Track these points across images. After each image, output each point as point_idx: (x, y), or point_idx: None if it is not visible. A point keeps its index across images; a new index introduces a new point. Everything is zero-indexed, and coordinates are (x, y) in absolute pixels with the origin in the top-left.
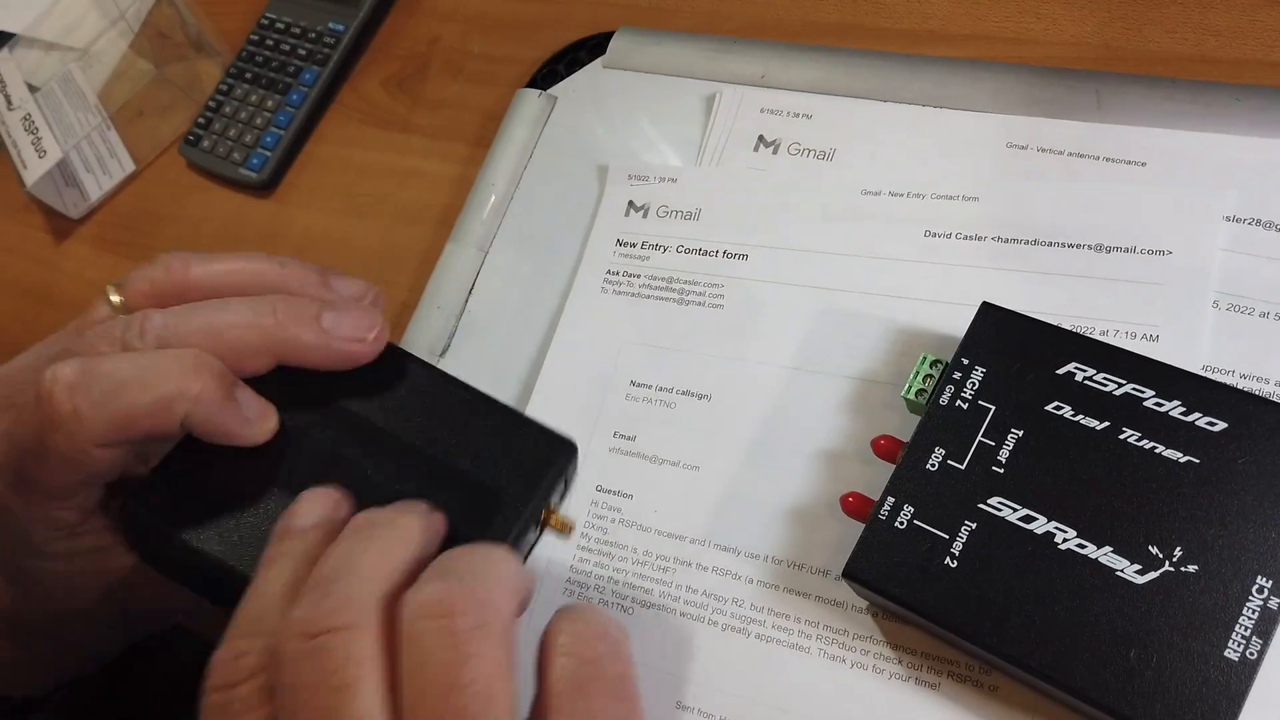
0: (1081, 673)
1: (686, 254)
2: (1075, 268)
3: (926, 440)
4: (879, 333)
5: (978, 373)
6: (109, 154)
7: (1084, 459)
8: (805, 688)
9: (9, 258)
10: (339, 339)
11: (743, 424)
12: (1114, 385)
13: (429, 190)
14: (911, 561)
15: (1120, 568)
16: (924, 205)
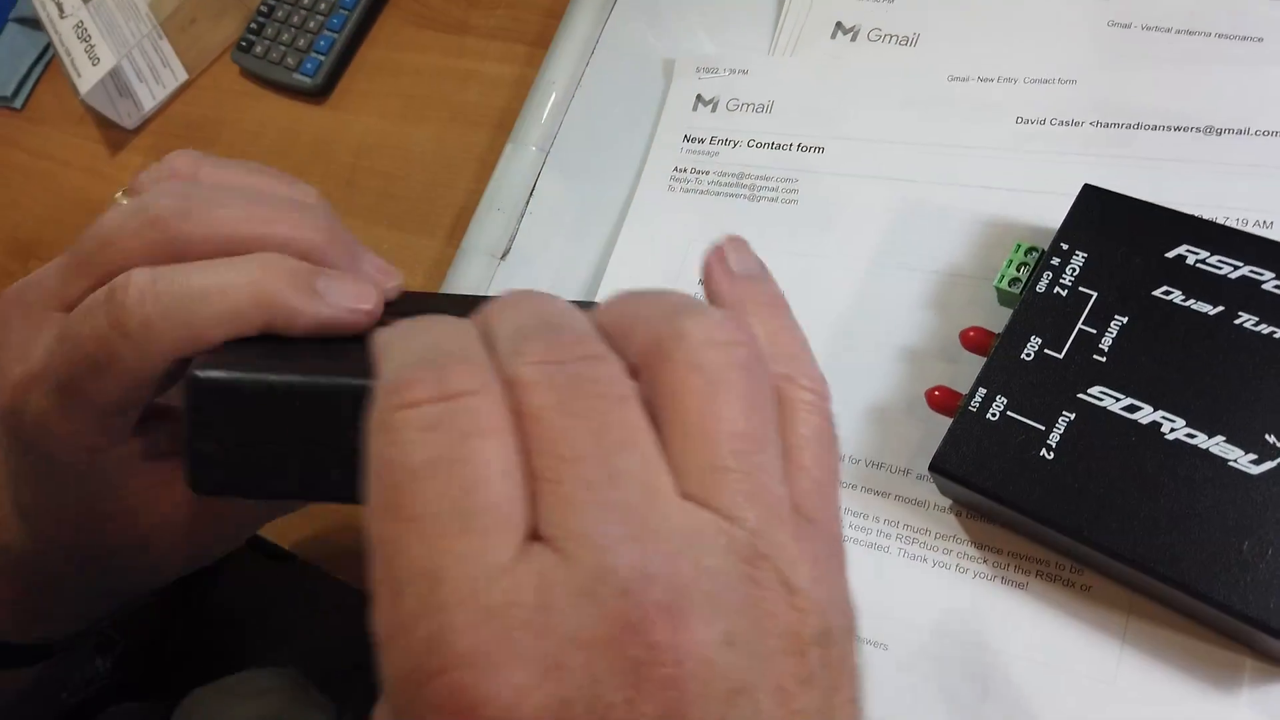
0: (1188, 566)
1: (758, 149)
2: (1181, 152)
3: (1022, 329)
4: (964, 226)
5: (1078, 258)
6: (161, 63)
7: (1194, 346)
8: (885, 587)
9: (65, 170)
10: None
11: (818, 323)
12: (1229, 268)
13: (487, 92)
14: (1004, 454)
15: (1233, 458)
16: (1015, 90)
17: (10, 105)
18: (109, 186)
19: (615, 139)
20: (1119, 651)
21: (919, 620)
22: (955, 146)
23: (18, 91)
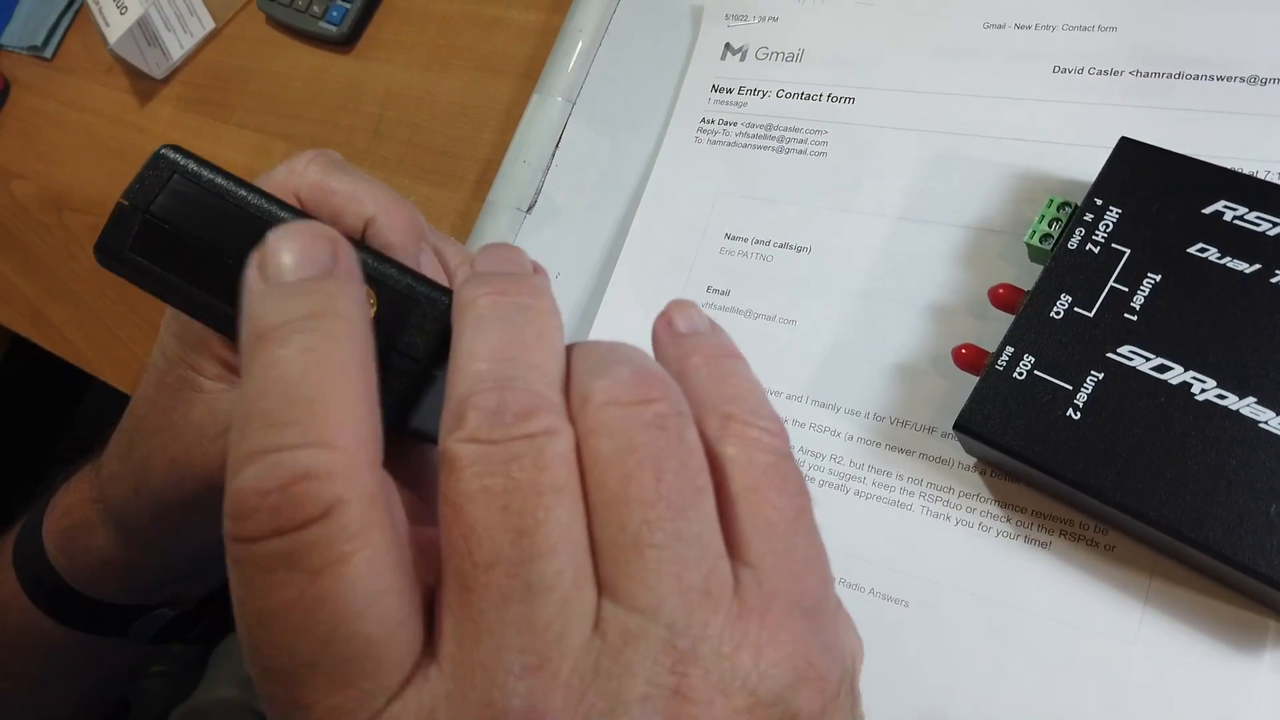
0: (1213, 528)
1: (788, 99)
2: (1224, 103)
3: (1052, 286)
4: (997, 178)
5: (1112, 214)
6: (189, 11)
7: (1229, 305)
8: (906, 544)
9: (96, 119)
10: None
11: (845, 277)
12: (1268, 225)
13: (514, 40)
14: (1030, 413)
15: (1265, 419)
16: (1053, 38)
17: (40, 54)
18: (139, 137)
19: (642, 89)
20: (1141, 612)
21: (940, 578)
22: (989, 97)
23: (48, 41)
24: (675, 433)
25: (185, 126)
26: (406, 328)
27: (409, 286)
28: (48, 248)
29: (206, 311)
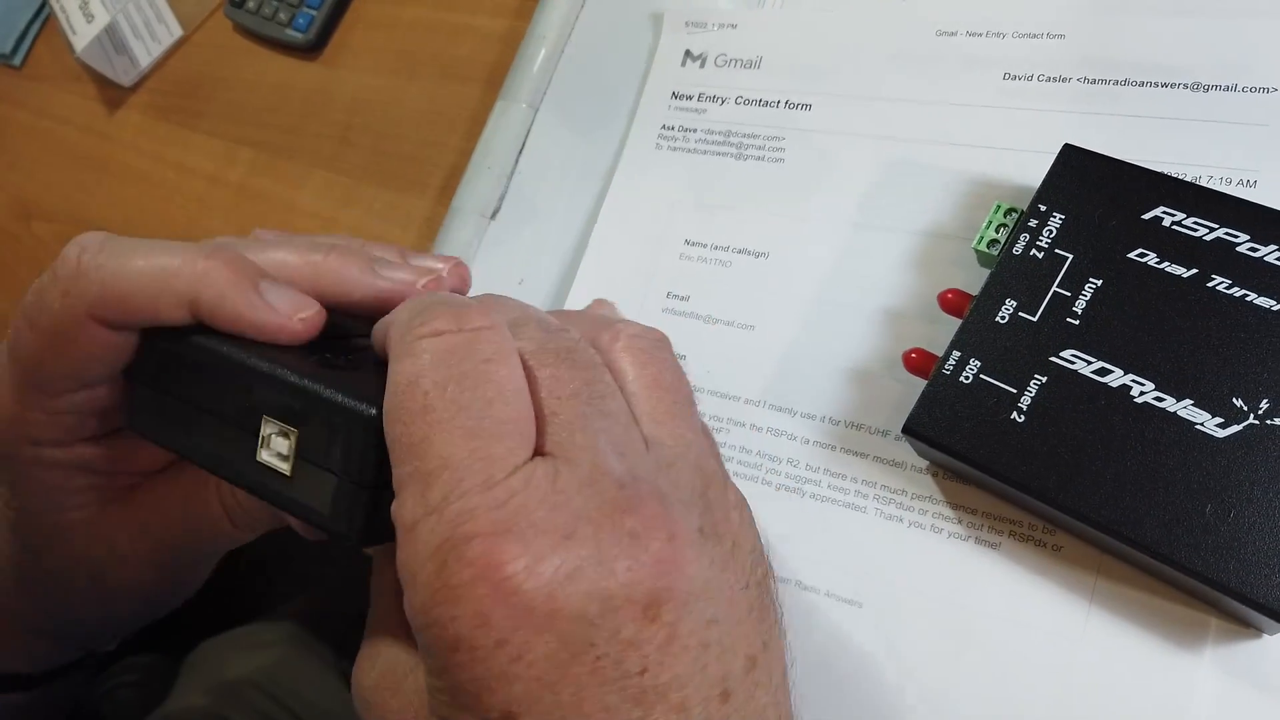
0: (1152, 529)
1: (746, 105)
2: (1168, 109)
3: (997, 291)
4: (949, 185)
5: (1055, 219)
6: (156, 19)
7: (1167, 309)
8: (860, 546)
9: (65, 128)
10: (388, 282)
11: (802, 282)
12: (1205, 230)
13: (479, 47)
14: (976, 416)
15: (1200, 421)
16: (1004, 45)
17: (9, 63)
18: (108, 146)
19: (605, 95)
20: (1087, 610)
21: (894, 579)
22: (942, 103)
23: (16, 49)
24: (591, 358)
25: (153, 134)
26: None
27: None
28: (17, 257)
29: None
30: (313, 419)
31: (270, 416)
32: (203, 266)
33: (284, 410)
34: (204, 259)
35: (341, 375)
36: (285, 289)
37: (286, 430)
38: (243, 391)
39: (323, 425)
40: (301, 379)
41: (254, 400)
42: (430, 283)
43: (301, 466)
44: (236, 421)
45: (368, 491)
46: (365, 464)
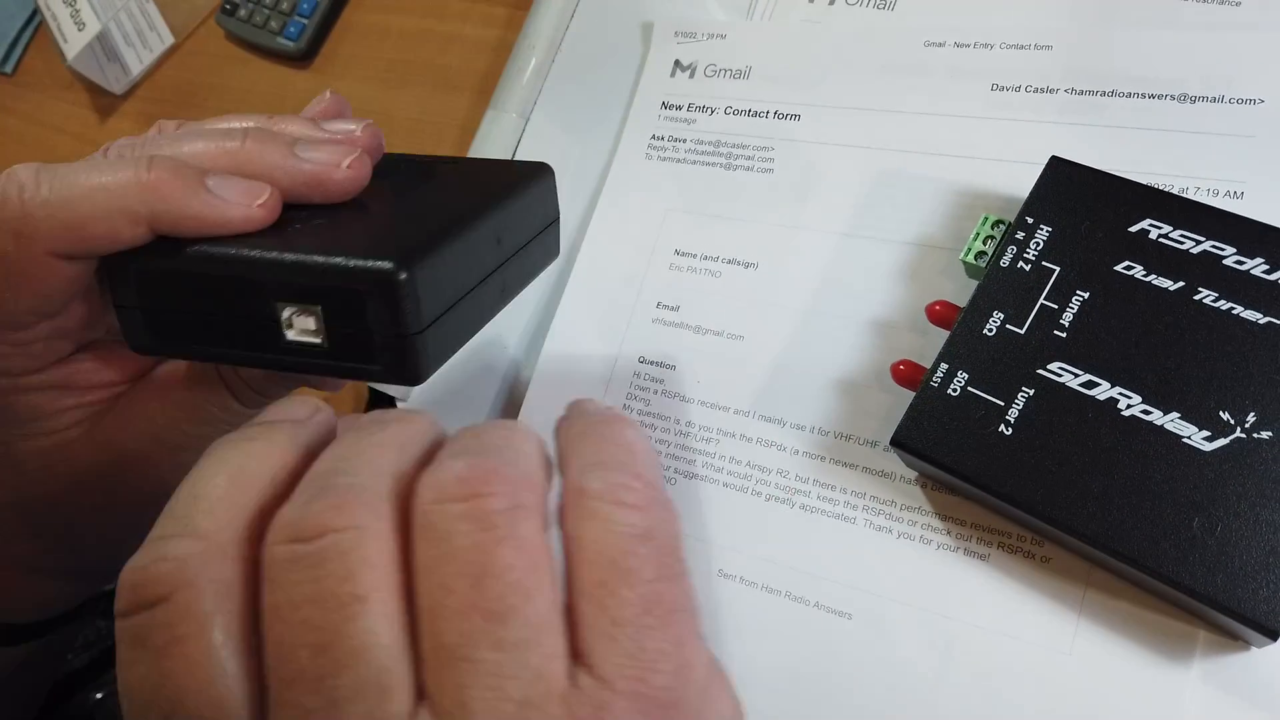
0: (1140, 542)
1: (735, 116)
2: (1155, 121)
3: (985, 304)
4: (938, 195)
5: (1043, 232)
6: (148, 26)
7: (1153, 322)
8: (850, 558)
9: (57, 136)
10: (310, 164)
11: (791, 293)
12: (1191, 243)
13: (469, 55)
14: (964, 429)
15: (1187, 434)
16: (991, 56)
17: (1, 70)
18: None
19: (595, 105)
20: (1076, 622)
21: (883, 590)
22: (930, 114)
23: (7, 57)
24: (503, 531)
25: None
26: None
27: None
28: None
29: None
30: (335, 290)
31: (285, 300)
32: (149, 180)
33: (298, 291)
34: (146, 172)
35: (332, 238)
36: (233, 180)
37: (308, 308)
38: (245, 286)
39: (347, 293)
40: (307, 257)
41: (262, 290)
42: (353, 162)
43: (335, 334)
44: (247, 314)
45: (407, 339)
46: (400, 315)
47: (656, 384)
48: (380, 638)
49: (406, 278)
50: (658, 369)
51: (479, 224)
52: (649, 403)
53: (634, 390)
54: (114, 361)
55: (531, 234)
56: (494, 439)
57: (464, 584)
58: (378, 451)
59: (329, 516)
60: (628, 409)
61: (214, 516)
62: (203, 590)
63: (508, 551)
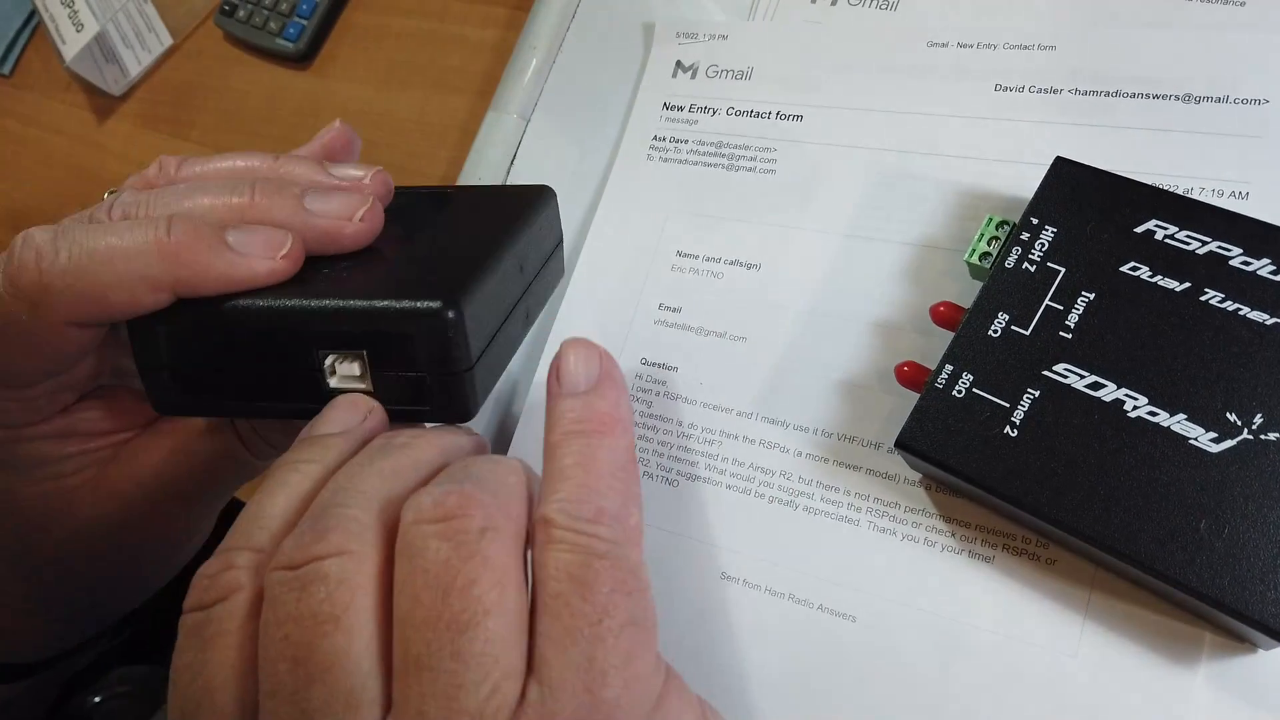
0: (1146, 544)
1: (737, 116)
2: (1160, 121)
3: (989, 305)
4: (941, 196)
5: (1048, 233)
6: (146, 27)
7: (1160, 323)
8: (853, 560)
9: (56, 137)
10: (324, 219)
11: (794, 294)
12: (1197, 243)
13: (470, 57)
14: (969, 431)
15: (1194, 436)
16: (995, 56)
17: None
18: (99, 154)
19: (596, 106)
20: (1081, 625)
21: (887, 592)
22: (934, 115)
23: (5, 58)
24: (472, 550)
25: (144, 143)
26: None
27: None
28: None
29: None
30: (381, 333)
31: (327, 348)
32: (170, 244)
33: (341, 338)
34: (166, 235)
35: (367, 279)
36: (254, 232)
37: (351, 354)
38: (283, 338)
39: (395, 336)
40: (350, 303)
41: (302, 340)
42: (366, 214)
43: (381, 378)
44: (286, 366)
45: (457, 375)
46: (452, 353)
47: (659, 385)
48: (351, 654)
49: (455, 316)
50: (660, 370)
51: (505, 254)
52: (651, 404)
53: (636, 392)
54: (118, 409)
55: (545, 257)
56: (480, 469)
57: (432, 596)
58: (376, 480)
59: (317, 544)
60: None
61: (270, 533)
62: (252, 598)
63: (474, 568)
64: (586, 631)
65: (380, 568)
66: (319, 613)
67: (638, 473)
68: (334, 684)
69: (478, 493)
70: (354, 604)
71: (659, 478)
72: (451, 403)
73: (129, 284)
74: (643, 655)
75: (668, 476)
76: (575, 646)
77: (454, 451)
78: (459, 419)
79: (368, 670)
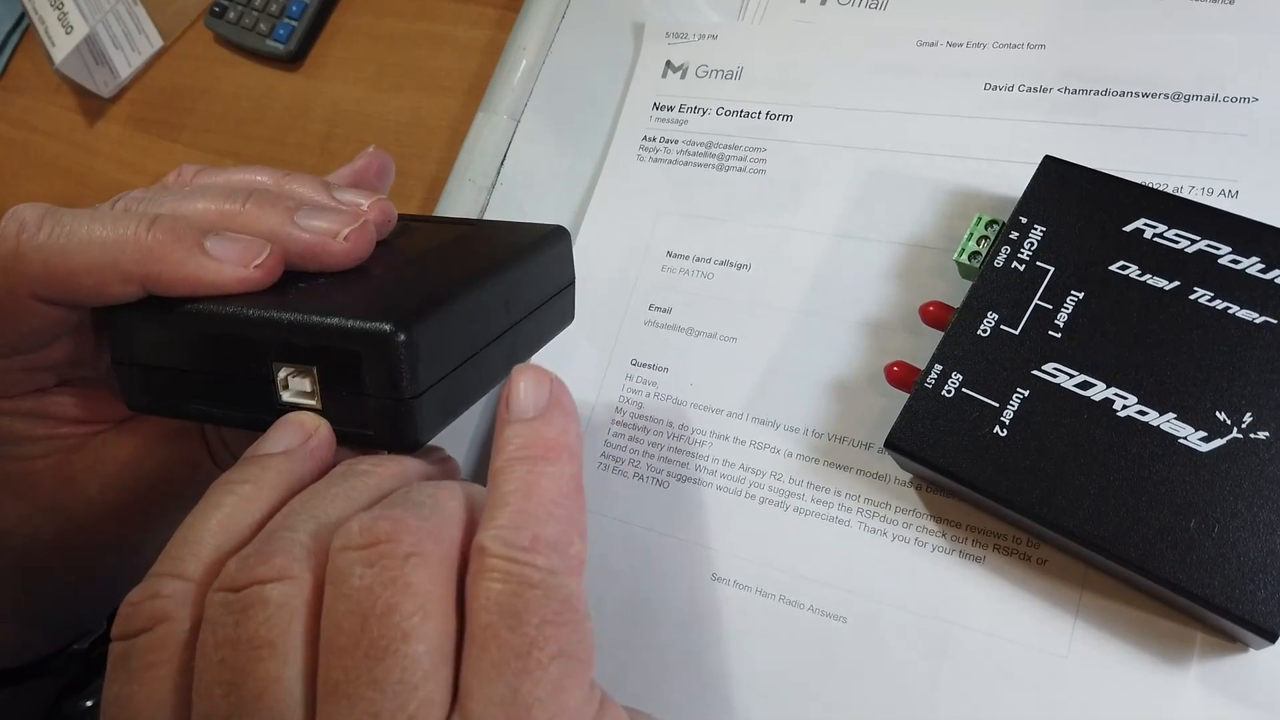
0: (1136, 544)
1: (727, 116)
2: (1149, 119)
3: (979, 304)
4: (931, 195)
5: (1037, 232)
6: (136, 29)
7: (1149, 322)
8: (844, 561)
9: (45, 140)
10: (308, 234)
11: (784, 294)
12: (1186, 242)
13: (459, 58)
14: (958, 431)
15: (1183, 435)
16: (984, 55)
17: None
18: (89, 156)
19: (586, 107)
20: (1072, 625)
21: (878, 593)
22: (923, 114)
23: None
24: (393, 575)
25: (134, 145)
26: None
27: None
28: None
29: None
30: (330, 351)
31: (280, 361)
32: (148, 240)
33: (294, 351)
34: (146, 232)
35: (331, 299)
36: (231, 240)
37: (303, 369)
38: (241, 345)
39: (343, 354)
40: (303, 316)
41: (257, 350)
42: (352, 234)
43: (331, 397)
44: (242, 375)
45: (404, 403)
46: (396, 378)
47: (649, 386)
48: (283, 681)
49: (404, 340)
50: (650, 371)
51: (484, 288)
52: (641, 405)
53: (626, 393)
54: (94, 402)
55: (544, 298)
56: (419, 495)
57: (352, 622)
58: (328, 505)
59: (260, 567)
60: (620, 411)
61: (199, 560)
62: (178, 626)
63: (395, 594)
64: (513, 664)
65: (317, 593)
66: (255, 637)
67: (583, 502)
68: (264, 712)
69: (408, 518)
70: (289, 629)
71: (649, 479)
72: (394, 430)
73: (99, 270)
74: (572, 689)
75: (658, 478)
76: (500, 679)
77: (416, 478)
78: (403, 448)
79: (297, 698)
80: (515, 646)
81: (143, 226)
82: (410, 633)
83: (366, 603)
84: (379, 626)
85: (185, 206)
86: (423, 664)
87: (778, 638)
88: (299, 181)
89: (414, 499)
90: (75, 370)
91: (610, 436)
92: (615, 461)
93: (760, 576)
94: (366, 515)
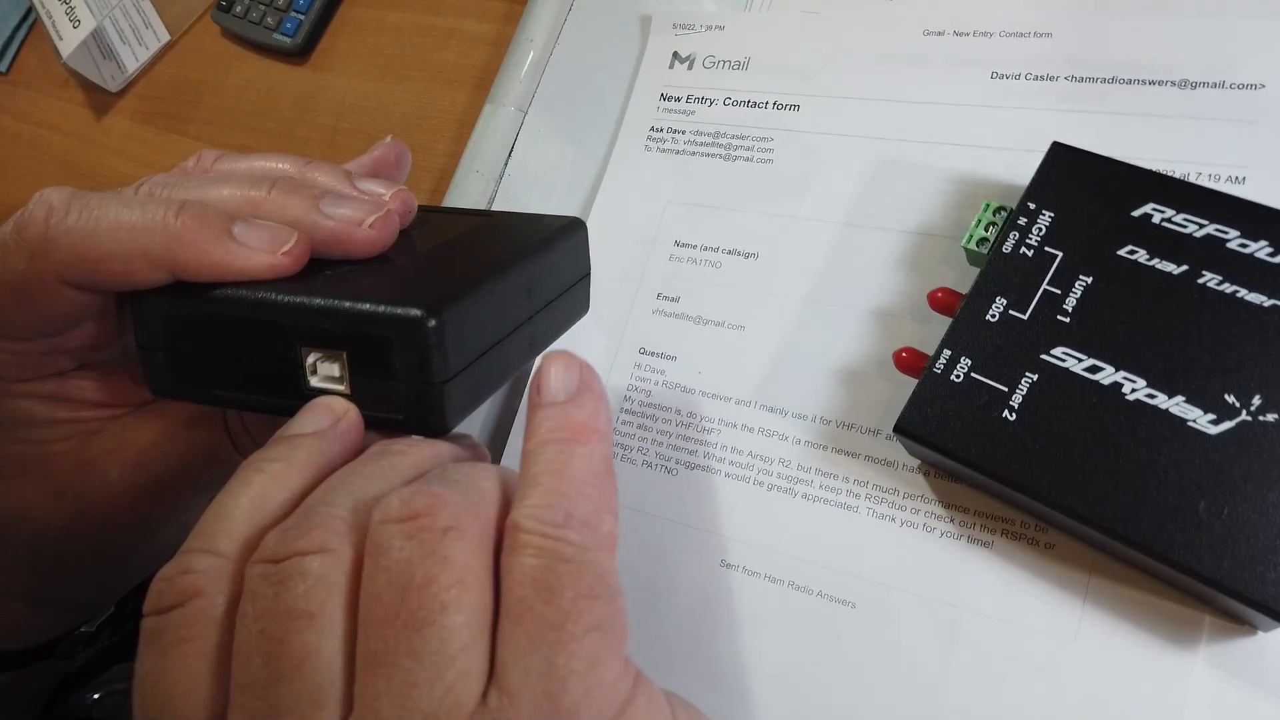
0: (1145, 526)
1: (734, 106)
2: (1156, 107)
3: (987, 290)
4: (938, 184)
5: (1045, 217)
6: (143, 23)
7: (1158, 306)
8: (853, 546)
9: (52, 134)
10: (334, 221)
11: (791, 282)
12: (1195, 226)
13: (467, 50)
14: (967, 415)
15: (1192, 418)
16: (991, 44)
17: None
18: (96, 151)
19: (593, 97)
20: (1081, 609)
21: (886, 579)
22: (930, 103)
23: (2, 55)
24: (432, 548)
25: (141, 139)
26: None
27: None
28: None
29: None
30: (361, 335)
31: (310, 345)
32: (176, 226)
33: (324, 336)
34: (174, 218)
35: (360, 285)
36: (259, 226)
37: (332, 354)
38: (270, 330)
39: (374, 339)
40: (335, 302)
41: (286, 335)
42: (377, 221)
43: (360, 382)
44: (270, 360)
45: (434, 388)
46: (426, 363)
47: (658, 375)
48: (322, 652)
49: (435, 325)
50: (659, 360)
51: (510, 275)
52: (650, 394)
53: (635, 381)
54: (116, 385)
55: (563, 288)
56: (455, 473)
57: (391, 594)
58: (365, 482)
59: (299, 541)
60: (628, 400)
61: (231, 536)
62: (211, 601)
63: (433, 566)
64: (548, 637)
65: (356, 566)
66: (294, 608)
67: (614, 482)
68: (302, 681)
69: (446, 493)
70: (329, 601)
71: (658, 467)
72: (424, 415)
73: (128, 255)
74: (608, 661)
75: (667, 465)
76: (536, 652)
77: (449, 460)
78: (432, 432)
79: (336, 669)
80: (550, 619)
81: (170, 212)
82: (449, 604)
83: (405, 574)
84: (418, 598)
85: (211, 192)
86: (460, 635)
87: (786, 623)
88: (321, 170)
89: (450, 477)
90: (96, 354)
91: (619, 425)
92: (624, 449)
93: (769, 562)
94: (406, 490)
